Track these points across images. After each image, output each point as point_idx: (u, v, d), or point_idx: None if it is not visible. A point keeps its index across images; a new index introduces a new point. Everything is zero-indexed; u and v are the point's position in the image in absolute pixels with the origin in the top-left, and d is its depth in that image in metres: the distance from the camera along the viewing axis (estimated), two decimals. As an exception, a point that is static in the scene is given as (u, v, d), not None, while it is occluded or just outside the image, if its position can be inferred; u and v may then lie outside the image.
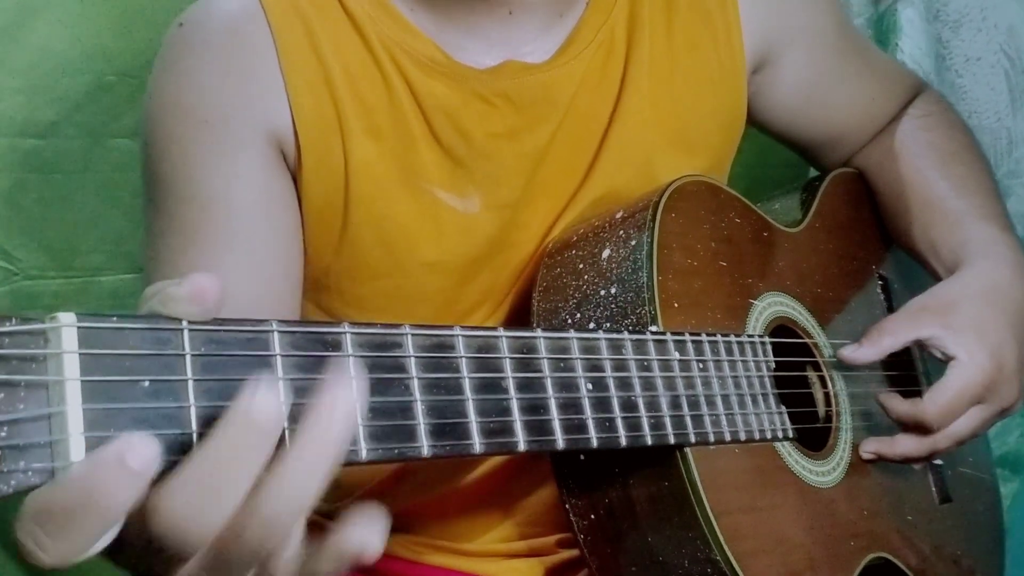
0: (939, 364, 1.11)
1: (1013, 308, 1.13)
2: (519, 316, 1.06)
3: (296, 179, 1.00)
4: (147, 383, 0.55)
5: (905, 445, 1.09)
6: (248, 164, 0.97)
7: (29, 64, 1.30)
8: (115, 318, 0.55)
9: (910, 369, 1.22)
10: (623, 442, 0.81)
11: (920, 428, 1.08)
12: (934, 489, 1.21)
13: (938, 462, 1.21)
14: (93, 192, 1.36)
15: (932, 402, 1.07)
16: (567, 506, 0.95)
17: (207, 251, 0.95)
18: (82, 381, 0.53)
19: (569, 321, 0.96)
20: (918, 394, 1.15)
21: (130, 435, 0.52)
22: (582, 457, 0.93)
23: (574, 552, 1.08)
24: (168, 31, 1.01)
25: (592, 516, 0.94)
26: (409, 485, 1.12)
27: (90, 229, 1.37)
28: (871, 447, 1.10)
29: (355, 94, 1.00)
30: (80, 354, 0.53)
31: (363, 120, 1.00)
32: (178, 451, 0.56)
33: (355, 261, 1.04)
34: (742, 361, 0.97)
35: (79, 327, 0.53)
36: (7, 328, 0.51)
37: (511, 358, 0.73)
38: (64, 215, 1.36)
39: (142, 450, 0.52)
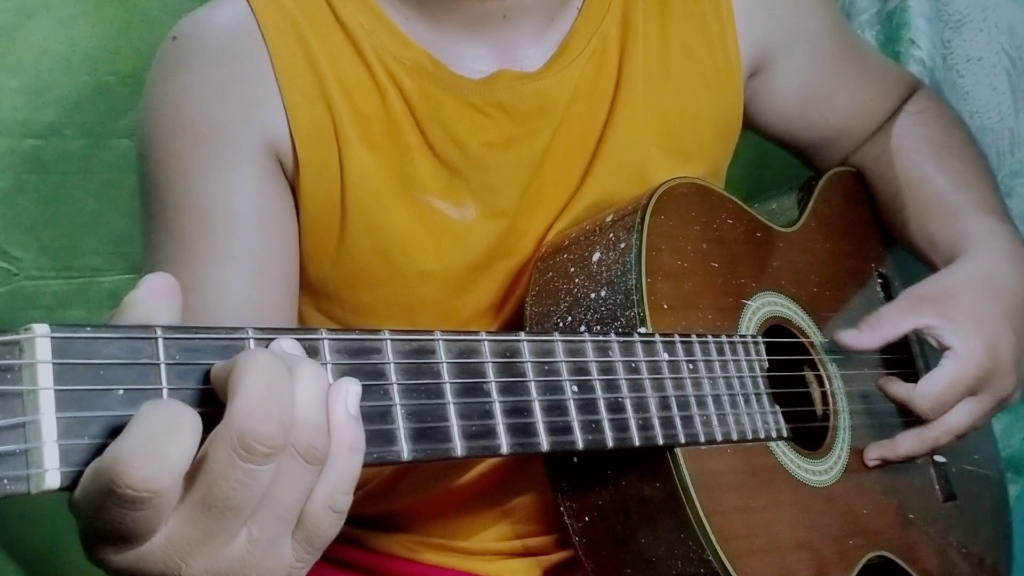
0: (938, 358, 1.11)
1: (1011, 299, 1.13)
2: (518, 324, 1.05)
3: (294, 189, 1.01)
4: (122, 391, 0.56)
5: (906, 445, 1.09)
6: (246, 175, 0.98)
7: (29, 64, 1.31)
8: (89, 328, 0.56)
9: (910, 367, 1.22)
10: (610, 443, 0.82)
11: (913, 413, 1.08)
12: (937, 487, 1.20)
13: (940, 459, 1.21)
14: (93, 192, 1.37)
15: (924, 391, 1.07)
16: (562, 508, 0.96)
17: (207, 261, 0.96)
18: (56, 390, 0.54)
19: (560, 324, 0.96)
20: None
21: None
22: (575, 459, 0.93)
23: (571, 552, 1.08)
24: (161, 45, 1.02)
25: (586, 518, 0.95)
26: (406, 484, 1.12)
27: (90, 229, 1.38)
28: (875, 453, 1.10)
29: (350, 105, 1.00)
30: (54, 364, 0.54)
31: (359, 130, 1.00)
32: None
33: (353, 270, 1.04)
34: (734, 361, 0.97)
35: (52, 337, 0.54)
36: (-19, 339, 0.52)
37: (493, 362, 0.73)
38: (64, 215, 1.36)
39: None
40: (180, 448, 0.54)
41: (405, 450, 0.66)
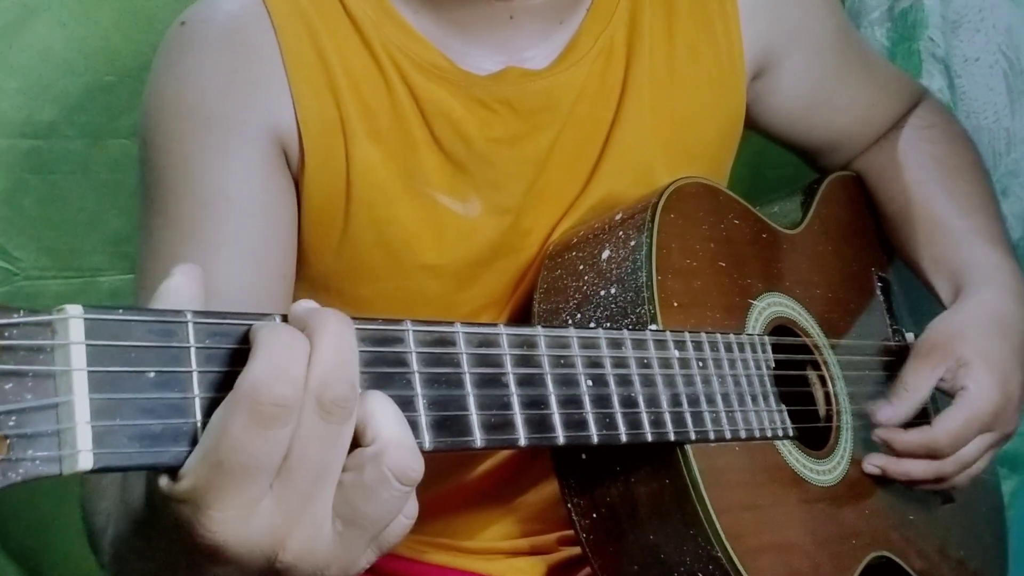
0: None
1: (1017, 337, 1.15)
2: (522, 321, 1.06)
3: (298, 180, 1.01)
4: (152, 374, 0.56)
5: (911, 465, 1.10)
6: (248, 162, 0.98)
7: (29, 64, 1.30)
8: (121, 310, 0.55)
9: None
10: (623, 439, 0.82)
11: (931, 455, 1.09)
12: (936, 489, 1.21)
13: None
14: (93, 192, 1.37)
15: (944, 430, 1.08)
16: (569, 505, 0.96)
17: (205, 247, 0.96)
18: (89, 371, 0.53)
19: (570, 322, 0.96)
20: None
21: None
22: (583, 456, 0.93)
23: (576, 550, 1.08)
24: (169, 30, 1.01)
25: (594, 515, 0.95)
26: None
27: (90, 229, 1.37)
28: (877, 462, 1.10)
29: (358, 97, 1.00)
30: (87, 345, 0.54)
31: (365, 123, 1.00)
32: (183, 440, 0.57)
33: (355, 263, 1.04)
34: (742, 360, 0.97)
35: (86, 318, 0.54)
36: (14, 319, 0.52)
37: (511, 354, 0.73)
38: (64, 215, 1.36)
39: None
40: (301, 364, 0.58)
41: (427, 440, 0.66)
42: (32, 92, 1.31)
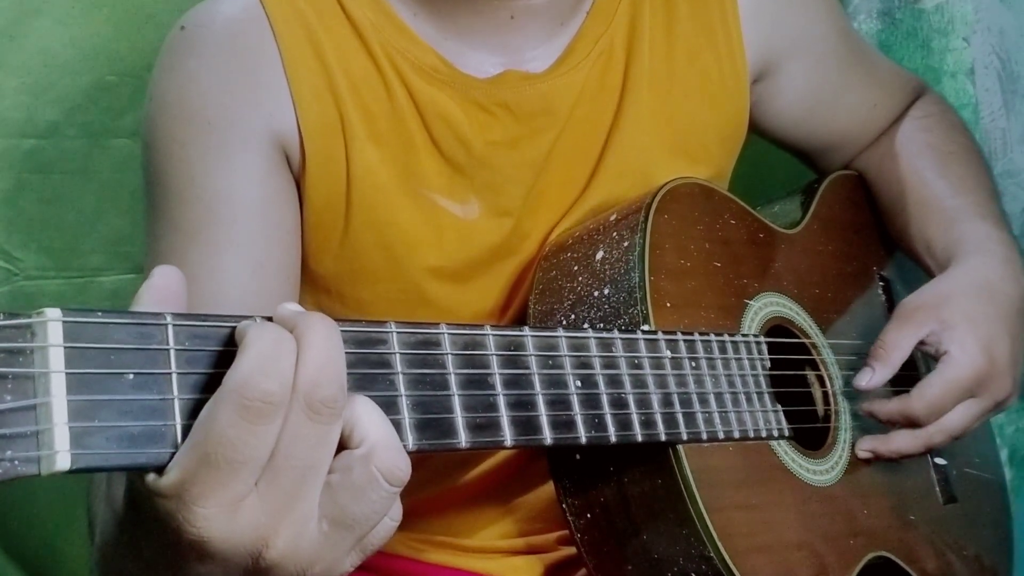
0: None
1: (1005, 302, 1.14)
2: (523, 323, 1.05)
3: (299, 182, 1.01)
4: (131, 376, 0.56)
5: (899, 441, 1.09)
6: (250, 165, 0.98)
7: (29, 64, 1.31)
8: (100, 313, 0.56)
9: (911, 369, 1.22)
10: (613, 439, 0.82)
11: (910, 423, 1.08)
12: (938, 489, 1.20)
13: (941, 462, 1.21)
14: (93, 192, 1.37)
15: (920, 396, 1.08)
16: (564, 505, 0.96)
17: (208, 251, 0.96)
18: (67, 373, 0.54)
19: (564, 323, 0.96)
20: None
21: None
22: (578, 456, 0.94)
23: (573, 550, 1.08)
24: (169, 34, 1.02)
25: (588, 515, 0.95)
26: (409, 482, 1.12)
27: (90, 229, 1.38)
28: (866, 445, 1.10)
29: (358, 100, 1.00)
30: (65, 347, 0.54)
31: (366, 126, 1.01)
32: (162, 442, 0.57)
33: (355, 265, 1.04)
34: (736, 360, 0.97)
35: (64, 321, 0.54)
36: (-6, 323, 0.53)
37: (497, 355, 0.74)
38: (64, 215, 1.36)
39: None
40: (289, 361, 0.58)
41: (410, 441, 0.67)
42: (32, 92, 1.32)
